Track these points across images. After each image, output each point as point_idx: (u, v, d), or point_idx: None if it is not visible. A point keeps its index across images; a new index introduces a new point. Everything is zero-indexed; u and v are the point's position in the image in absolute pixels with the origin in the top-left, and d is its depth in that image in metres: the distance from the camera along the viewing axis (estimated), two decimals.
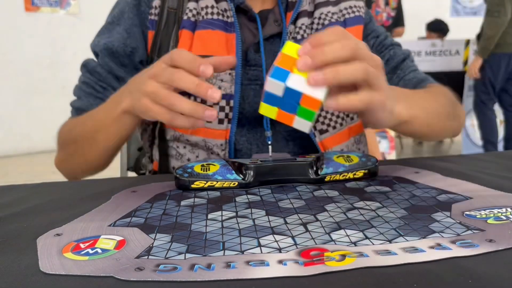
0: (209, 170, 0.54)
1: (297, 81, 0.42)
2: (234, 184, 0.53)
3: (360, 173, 0.55)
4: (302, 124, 0.44)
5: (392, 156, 3.00)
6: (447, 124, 0.68)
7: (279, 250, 0.34)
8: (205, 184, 0.53)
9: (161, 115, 0.50)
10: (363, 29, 0.75)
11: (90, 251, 0.35)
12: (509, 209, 0.42)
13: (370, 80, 0.44)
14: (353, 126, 0.73)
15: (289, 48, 0.44)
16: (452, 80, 3.62)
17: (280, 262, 0.32)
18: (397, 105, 0.51)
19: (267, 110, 0.45)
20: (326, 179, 0.54)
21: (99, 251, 0.35)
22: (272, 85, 0.43)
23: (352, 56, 0.44)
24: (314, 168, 0.55)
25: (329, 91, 0.44)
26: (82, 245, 0.37)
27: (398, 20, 4.45)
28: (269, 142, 0.67)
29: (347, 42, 0.44)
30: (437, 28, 4.51)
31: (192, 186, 0.53)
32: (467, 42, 3.85)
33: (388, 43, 0.76)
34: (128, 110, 0.56)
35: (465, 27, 5.00)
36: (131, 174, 0.96)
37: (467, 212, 0.41)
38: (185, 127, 0.50)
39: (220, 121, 0.66)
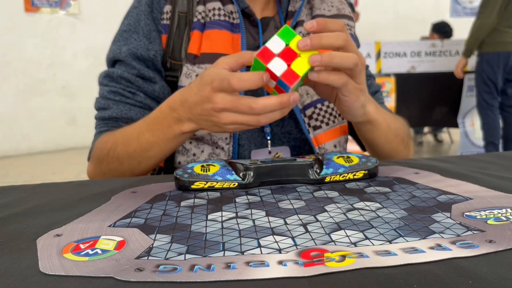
0: (209, 170, 0.54)
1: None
2: (234, 184, 0.53)
3: (360, 174, 0.55)
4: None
5: None
6: (400, 147, 0.74)
7: (279, 250, 0.34)
8: (205, 184, 0.53)
9: (244, 129, 0.56)
10: None
11: (90, 252, 0.35)
12: (509, 210, 0.42)
13: (354, 71, 0.54)
14: (343, 126, 0.78)
15: (284, 33, 0.51)
16: (452, 81, 3.63)
17: (280, 262, 0.32)
18: (369, 105, 0.61)
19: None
20: (326, 180, 0.54)
21: (99, 251, 0.35)
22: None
23: (343, 46, 0.52)
24: (314, 169, 0.55)
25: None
26: (82, 246, 0.37)
27: None
28: (268, 138, 0.72)
29: (341, 34, 0.52)
30: (441, 30, 4.52)
31: (192, 186, 0.53)
32: None
33: (368, 73, 0.84)
34: (192, 131, 0.60)
35: (465, 28, 5.00)
36: None
37: (467, 213, 0.41)
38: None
39: None
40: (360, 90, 0.57)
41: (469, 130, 3.71)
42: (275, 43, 0.51)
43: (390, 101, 3.64)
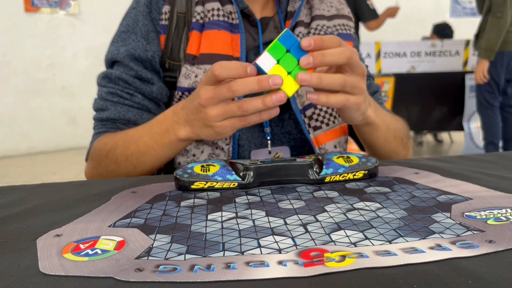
0: (209, 171, 0.54)
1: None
2: (234, 184, 0.53)
3: (360, 174, 0.55)
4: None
5: None
6: (399, 148, 0.74)
7: (279, 251, 0.34)
8: (205, 185, 0.53)
9: (235, 129, 0.55)
10: None
11: (90, 252, 0.35)
12: (509, 210, 0.42)
13: (347, 89, 0.53)
14: (343, 126, 0.78)
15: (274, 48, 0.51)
16: (452, 81, 3.63)
17: (280, 263, 0.32)
18: (369, 109, 0.62)
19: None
20: (326, 180, 0.54)
21: (99, 251, 0.35)
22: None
23: (347, 64, 0.52)
24: (314, 169, 0.55)
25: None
26: (82, 246, 0.37)
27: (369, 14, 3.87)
28: (268, 138, 0.72)
29: (344, 50, 0.51)
30: (441, 32, 4.51)
31: (192, 187, 0.53)
32: (467, 43, 3.85)
33: (367, 73, 0.83)
34: (187, 139, 0.61)
35: (465, 28, 5.01)
36: None
37: (467, 213, 0.41)
38: (259, 121, 0.54)
39: None
40: (360, 104, 0.56)
41: (474, 132, 3.69)
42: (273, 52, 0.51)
43: (387, 100, 3.63)
